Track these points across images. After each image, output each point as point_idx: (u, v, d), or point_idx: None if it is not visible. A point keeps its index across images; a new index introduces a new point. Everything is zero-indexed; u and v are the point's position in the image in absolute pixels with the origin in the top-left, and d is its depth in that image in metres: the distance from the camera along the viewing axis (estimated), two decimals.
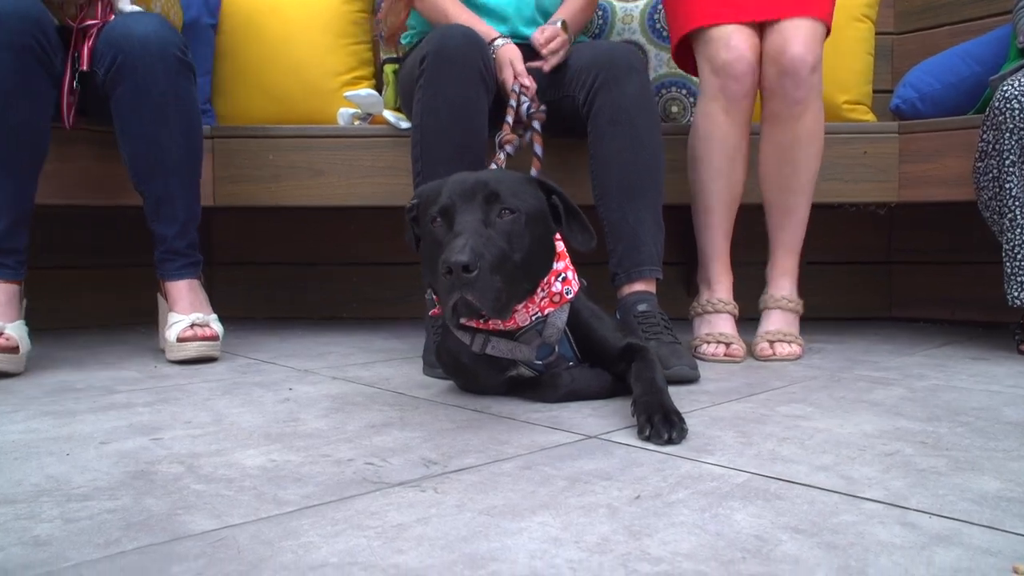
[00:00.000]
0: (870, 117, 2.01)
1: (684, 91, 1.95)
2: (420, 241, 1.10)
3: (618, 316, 1.46)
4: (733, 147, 1.51)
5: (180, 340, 1.43)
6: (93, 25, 1.45)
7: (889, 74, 2.18)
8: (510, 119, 1.46)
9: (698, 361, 1.41)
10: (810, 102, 1.47)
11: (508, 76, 1.50)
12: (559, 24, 1.59)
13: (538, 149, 1.47)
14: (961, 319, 2.04)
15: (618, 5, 2.02)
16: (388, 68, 1.86)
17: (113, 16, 1.48)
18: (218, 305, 1.59)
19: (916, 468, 0.80)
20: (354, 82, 2.06)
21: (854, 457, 0.84)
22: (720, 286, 1.56)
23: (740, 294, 1.59)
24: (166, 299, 1.52)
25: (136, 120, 1.41)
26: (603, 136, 1.47)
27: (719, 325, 1.53)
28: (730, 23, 1.47)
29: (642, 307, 1.42)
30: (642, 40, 2.00)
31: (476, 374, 1.16)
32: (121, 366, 1.44)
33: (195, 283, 1.52)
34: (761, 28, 1.48)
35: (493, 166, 1.34)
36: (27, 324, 1.39)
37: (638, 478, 0.77)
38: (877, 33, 2.11)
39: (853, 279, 2.18)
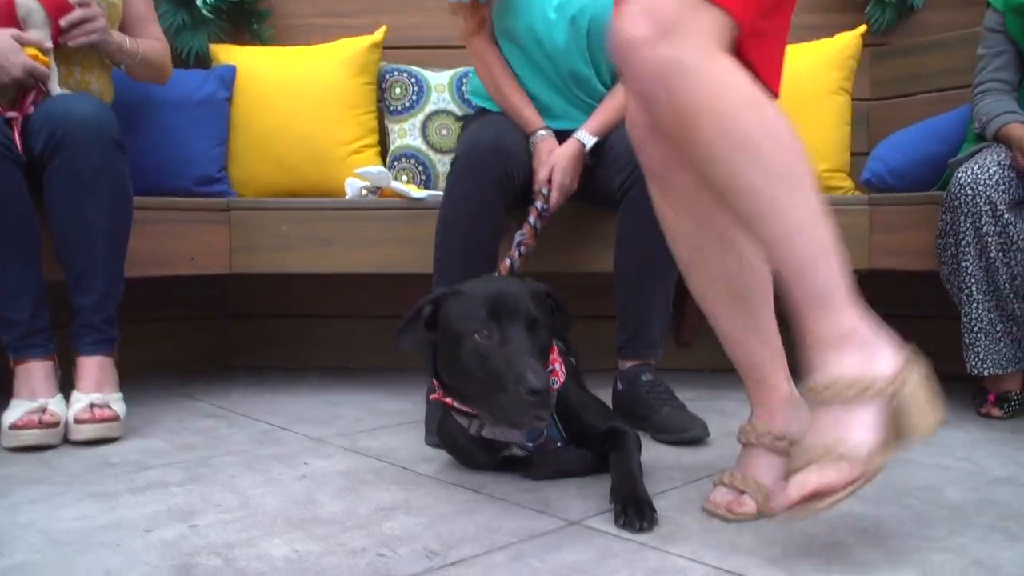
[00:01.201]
0: (848, 183, 2.14)
1: None
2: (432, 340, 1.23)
3: (620, 384, 1.62)
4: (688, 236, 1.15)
5: (78, 421, 1.46)
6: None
7: (866, 138, 2.31)
8: (532, 220, 1.59)
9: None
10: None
11: (542, 175, 1.64)
12: (587, 145, 1.70)
13: (535, 221, 1.60)
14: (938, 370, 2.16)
15: (429, 74, 2.23)
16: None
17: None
18: (234, 355, 1.71)
19: (855, 561, 0.92)
20: (360, 150, 2.20)
21: (801, 549, 0.96)
22: (762, 409, 1.12)
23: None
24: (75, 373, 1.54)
25: (67, 193, 1.47)
26: (633, 228, 1.58)
27: (748, 466, 1.09)
28: None
29: (646, 377, 1.59)
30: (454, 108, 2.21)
31: (472, 453, 1.30)
32: (149, 433, 1.56)
33: (107, 361, 1.56)
34: None
35: (507, 261, 1.48)
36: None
37: (612, 571, 0.89)
38: (854, 99, 2.24)
39: None
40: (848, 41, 2.17)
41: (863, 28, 2.22)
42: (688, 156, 0.97)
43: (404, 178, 2.19)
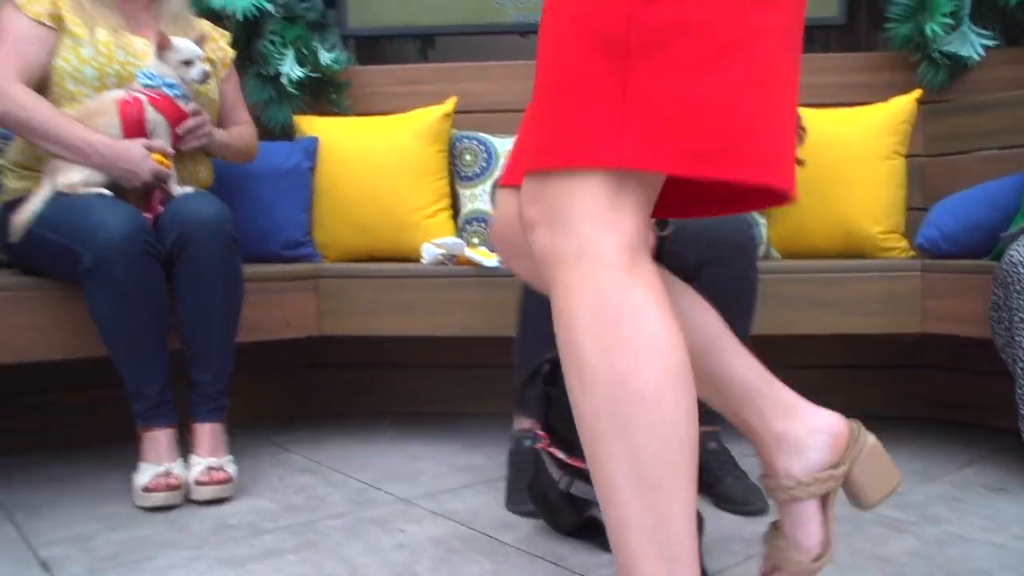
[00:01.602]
0: (903, 244, 2.21)
1: None
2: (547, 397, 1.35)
3: None
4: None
5: (198, 483, 1.65)
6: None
7: (920, 193, 2.38)
8: None
9: None
10: None
11: None
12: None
13: None
14: (992, 426, 2.23)
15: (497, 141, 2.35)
16: None
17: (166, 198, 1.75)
18: (315, 402, 1.87)
19: None
20: (434, 214, 2.35)
21: None
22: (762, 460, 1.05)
23: None
24: (192, 439, 1.73)
25: (191, 286, 1.66)
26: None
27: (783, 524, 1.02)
28: None
29: (712, 445, 1.69)
30: None
31: (559, 510, 1.42)
32: (255, 491, 1.73)
33: (219, 427, 1.74)
34: None
35: None
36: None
37: None
38: (908, 155, 2.31)
39: (882, 376, 2.39)
40: (902, 106, 2.25)
41: (918, 93, 2.29)
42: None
43: (476, 240, 2.34)
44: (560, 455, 1.36)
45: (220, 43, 2.05)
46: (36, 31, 1.74)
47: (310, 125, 2.41)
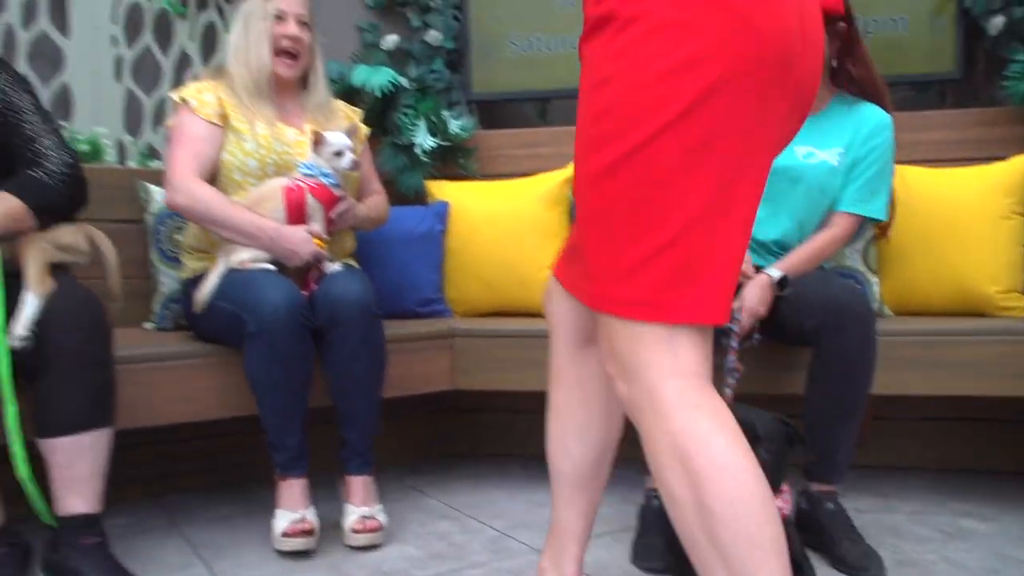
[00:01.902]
0: (1022, 303, 2.22)
1: None
2: None
3: (804, 503, 1.81)
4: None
5: (354, 531, 1.84)
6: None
7: None
8: (735, 343, 1.77)
9: None
10: None
11: (735, 303, 1.83)
12: (775, 278, 1.88)
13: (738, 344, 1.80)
14: None
15: None
16: None
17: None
18: (445, 444, 2.04)
19: None
20: None
21: None
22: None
23: None
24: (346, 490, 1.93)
25: (340, 357, 1.85)
26: (828, 369, 1.75)
27: None
28: None
29: (830, 506, 1.77)
30: None
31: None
32: (402, 537, 1.91)
33: (369, 479, 1.92)
34: None
35: (727, 391, 1.69)
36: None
37: None
38: None
39: (1000, 430, 2.39)
40: (1019, 166, 2.26)
41: None
42: None
43: None
44: None
45: (356, 121, 2.25)
46: (208, 130, 1.98)
47: (441, 190, 2.61)
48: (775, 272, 1.89)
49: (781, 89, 0.96)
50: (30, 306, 1.56)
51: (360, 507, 1.88)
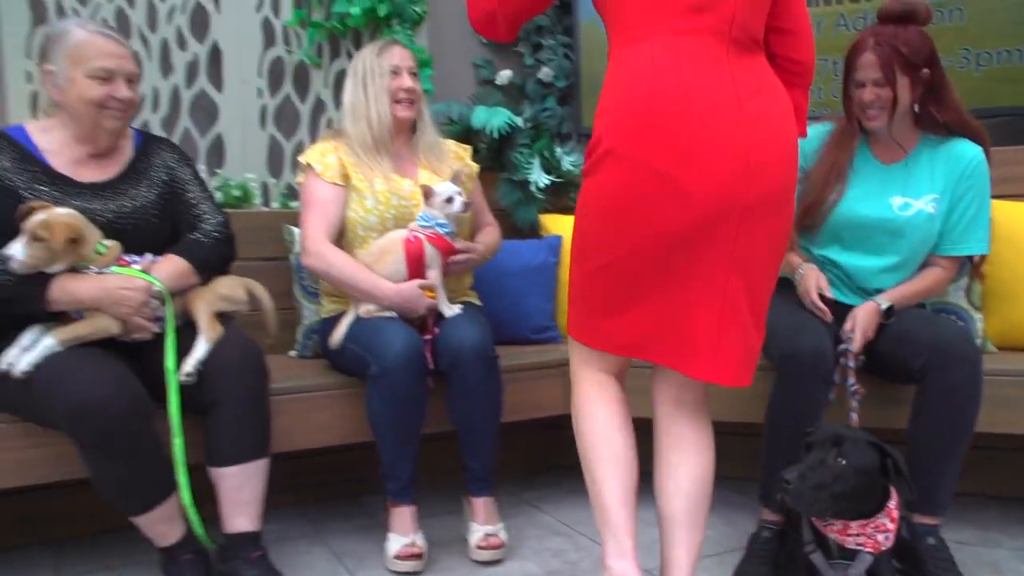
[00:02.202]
0: None
1: None
2: None
3: (905, 533, 1.84)
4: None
5: (478, 548, 2.04)
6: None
7: None
8: (852, 363, 1.87)
9: None
10: None
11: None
12: (883, 307, 1.96)
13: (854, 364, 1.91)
14: None
15: None
16: None
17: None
18: (546, 456, 2.19)
19: None
20: None
21: None
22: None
23: None
24: (470, 510, 2.13)
25: (462, 397, 2.04)
26: (934, 406, 1.81)
27: None
28: None
29: (931, 540, 1.84)
30: None
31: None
32: (521, 554, 2.09)
33: (490, 500, 2.11)
34: None
35: (853, 416, 1.80)
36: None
37: None
38: None
39: None
40: None
41: None
42: None
43: None
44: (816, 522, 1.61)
45: (465, 159, 2.41)
46: (333, 192, 2.17)
47: (554, 224, 2.78)
48: (883, 301, 1.97)
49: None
50: (200, 349, 1.82)
51: (483, 525, 2.08)
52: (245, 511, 1.83)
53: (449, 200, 2.13)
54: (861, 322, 1.94)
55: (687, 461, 1.53)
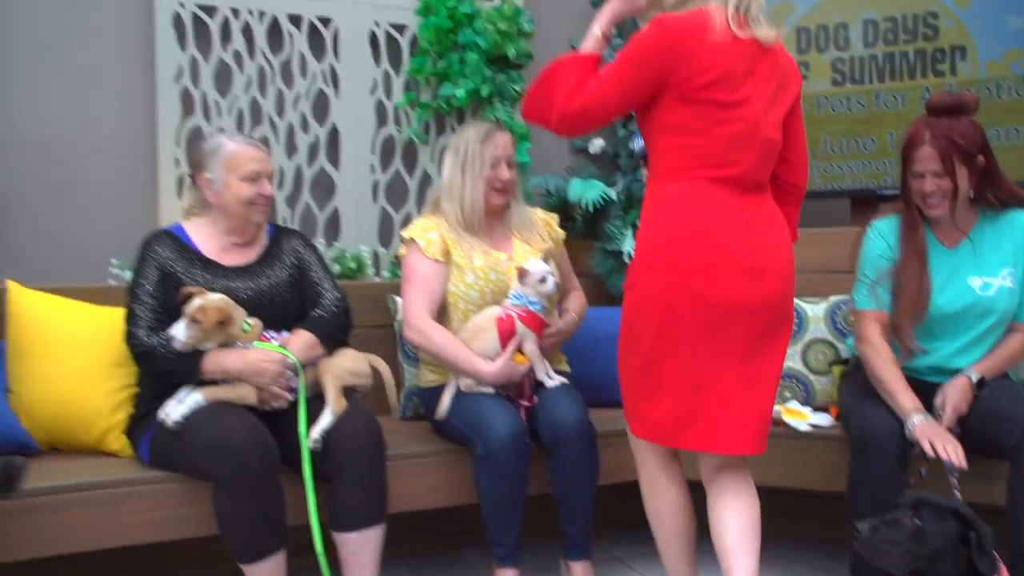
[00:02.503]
0: None
1: None
2: None
3: None
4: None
5: None
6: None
7: None
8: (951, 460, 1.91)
9: None
10: None
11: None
12: (974, 380, 2.04)
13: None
14: None
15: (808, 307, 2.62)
16: (836, 369, 2.54)
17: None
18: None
19: None
20: None
21: None
22: None
23: None
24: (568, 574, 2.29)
25: (563, 470, 2.20)
26: (1021, 492, 1.89)
27: None
28: None
29: None
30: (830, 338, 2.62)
31: None
32: None
33: (588, 564, 2.26)
34: None
35: (956, 494, 1.83)
36: None
37: None
38: None
39: None
40: None
41: None
42: None
43: (787, 394, 2.69)
44: None
45: (553, 226, 2.58)
46: (435, 268, 2.34)
47: None
48: (974, 374, 2.06)
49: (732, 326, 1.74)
50: (326, 419, 2.05)
51: None
52: (362, 573, 2.04)
53: (543, 280, 2.28)
54: (952, 398, 2.02)
55: (733, 509, 1.82)
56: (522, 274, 2.29)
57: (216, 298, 2.02)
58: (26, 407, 2.19)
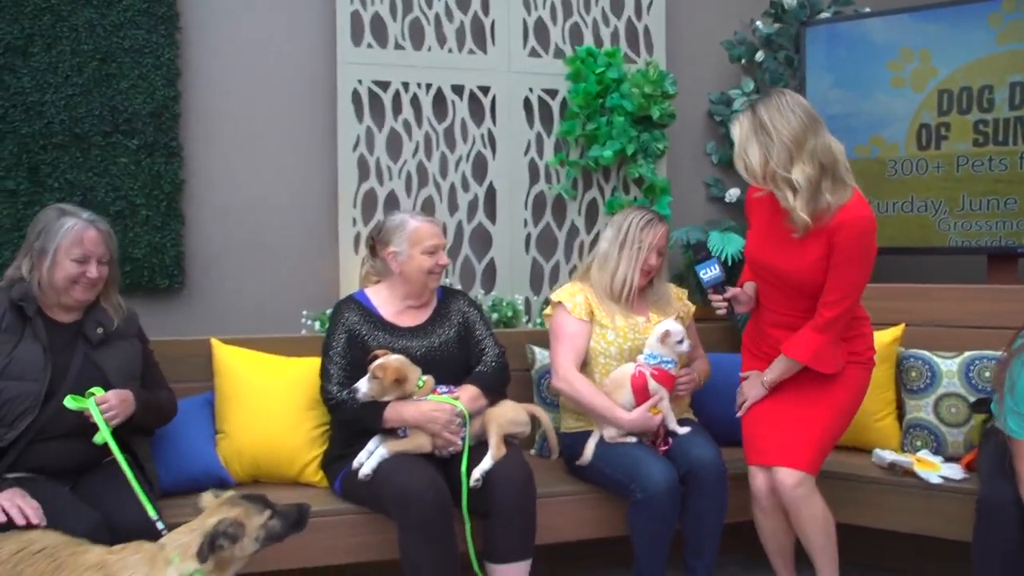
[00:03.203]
0: None
1: None
2: None
3: None
4: (774, 530, 2.42)
5: None
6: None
7: None
8: None
9: None
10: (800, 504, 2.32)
11: None
12: None
13: None
14: None
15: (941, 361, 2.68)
16: (977, 417, 2.68)
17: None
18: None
19: None
20: (882, 419, 2.85)
21: None
22: None
23: None
24: None
25: (695, 504, 2.41)
26: None
27: None
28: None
29: None
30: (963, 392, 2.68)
31: None
32: None
33: None
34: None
35: None
36: None
37: None
38: None
39: None
40: None
41: None
42: None
43: (918, 443, 2.79)
44: None
45: (684, 300, 2.81)
46: (580, 327, 2.60)
47: None
48: None
49: None
50: (486, 463, 2.35)
51: None
52: None
53: (680, 341, 2.54)
54: None
55: (807, 521, 2.32)
56: (665, 335, 2.53)
57: (395, 359, 2.37)
58: (237, 447, 2.62)
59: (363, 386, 2.35)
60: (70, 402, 2.03)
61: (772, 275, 2.36)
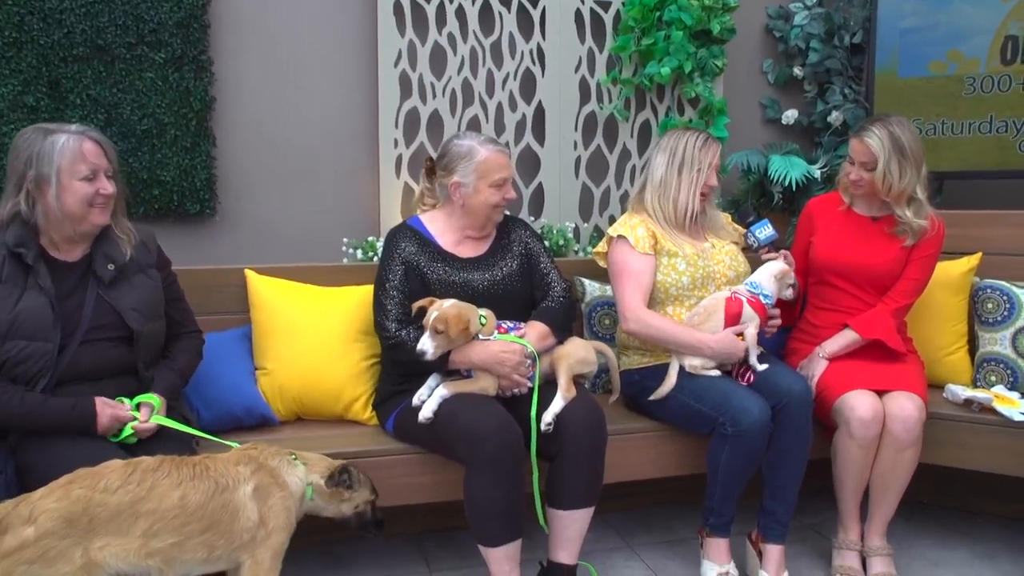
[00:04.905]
0: None
1: None
2: None
3: None
4: (863, 466, 2.38)
5: None
6: None
7: None
8: None
9: None
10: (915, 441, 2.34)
11: None
12: None
13: None
14: None
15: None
16: None
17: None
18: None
19: None
20: (954, 352, 2.74)
21: None
22: (850, 531, 2.44)
23: None
24: (758, 554, 2.39)
25: (781, 438, 2.28)
26: None
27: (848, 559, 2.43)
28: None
29: None
30: None
31: None
32: None
33: (783, 548, 2.36)
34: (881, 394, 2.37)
35: None
36: None
37: None
38: None
39: None
40: None
41: None
42: None
43: (992, 378, 2.69)
44: None
45: (733, 224, 2.66)
46: (645, 262, 2.44)
47: None
48: None
49: None
50: (557, 404, 2.21)
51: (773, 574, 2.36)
52: (567, 547, 2.24)
53: (792, 285, 2.47)
54: None
55: (909, 462, 2.36)
56: (783, 273, 2.45)
57: (450, 305, 2.19)
58: (278, 383, 2.49)
59: (428, 346, 2.16)
60: (112, 440, 1.95)
61: (851, 271, 2.57)
